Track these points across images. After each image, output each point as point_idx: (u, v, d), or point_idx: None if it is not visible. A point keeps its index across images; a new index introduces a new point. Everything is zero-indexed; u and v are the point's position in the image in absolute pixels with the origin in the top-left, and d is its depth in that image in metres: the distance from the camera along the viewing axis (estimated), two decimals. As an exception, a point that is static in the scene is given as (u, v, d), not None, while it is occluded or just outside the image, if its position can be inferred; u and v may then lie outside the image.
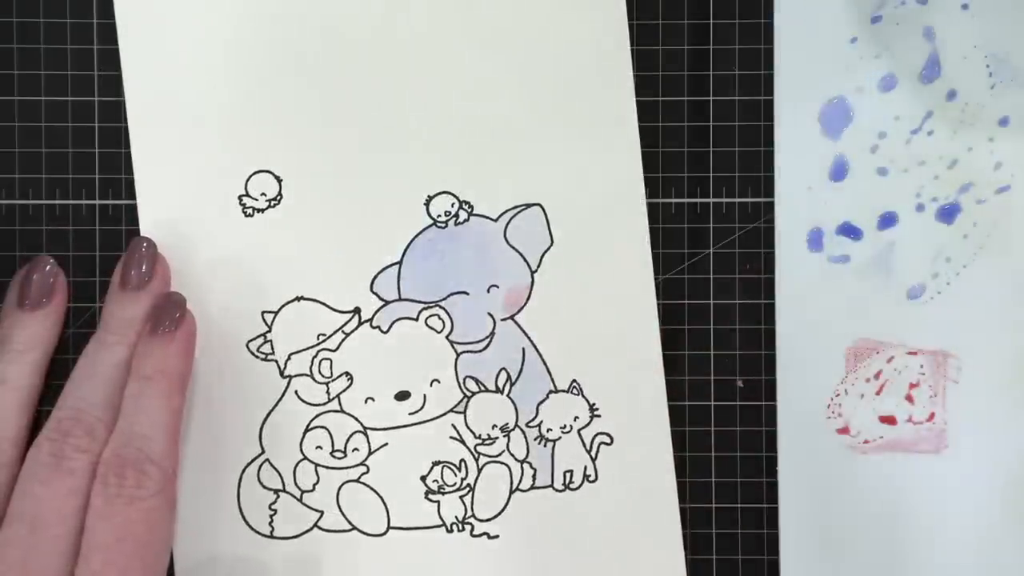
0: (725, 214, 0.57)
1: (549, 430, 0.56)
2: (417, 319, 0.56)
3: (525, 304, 0.56)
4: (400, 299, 0.56)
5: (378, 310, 0.56)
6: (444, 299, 0.56)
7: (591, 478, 0.56)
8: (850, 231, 0.56)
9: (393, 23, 0.56)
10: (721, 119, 0.56)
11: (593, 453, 0.56)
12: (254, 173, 0.56)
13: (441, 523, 0.56)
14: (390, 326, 0.56)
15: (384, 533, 0.56)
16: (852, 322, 0.56)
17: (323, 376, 0.56)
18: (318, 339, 0.56)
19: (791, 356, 0.56)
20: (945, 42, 0.56)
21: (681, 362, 0.57)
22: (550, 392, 0.56)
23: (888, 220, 0.56)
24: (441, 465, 0.56)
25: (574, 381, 0.56)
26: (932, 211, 0.56)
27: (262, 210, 0.56)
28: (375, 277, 0.56)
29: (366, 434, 0.56)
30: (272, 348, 0.56)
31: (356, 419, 0.56)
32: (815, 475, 0.56)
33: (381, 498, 0.56)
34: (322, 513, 0.56)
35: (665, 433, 0.56)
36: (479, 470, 0.56)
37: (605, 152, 0.56)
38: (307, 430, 0.56)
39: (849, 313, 0.56)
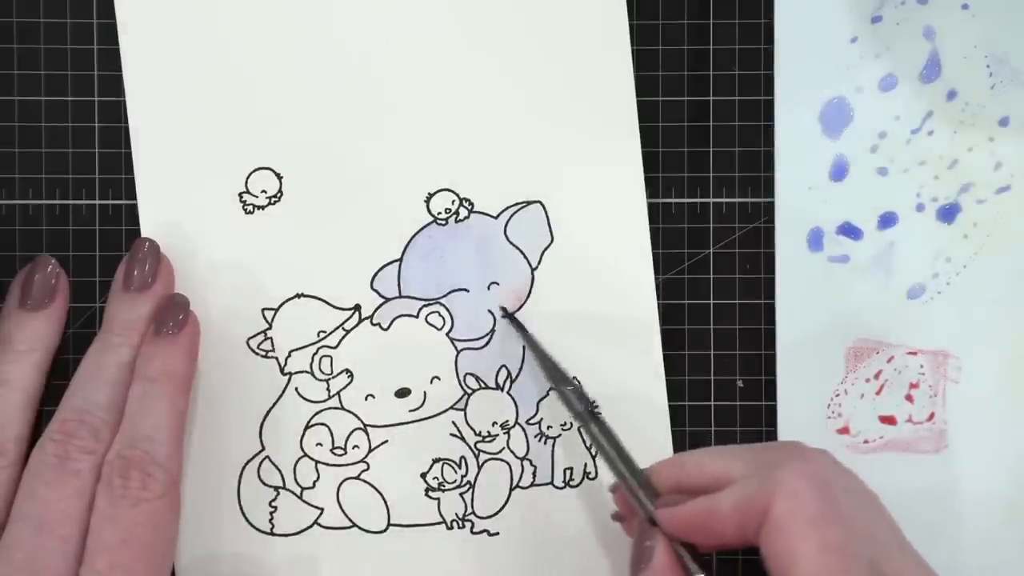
0: (725, 214, 0.57)
1: (549, 427, 0.56)
2: (417, 316, 0.56)
3: (525, 301, 0.56)
4: (400, 296, 0.56)
5: (378, 307, 0.56)
6: (444, 296, 0.56)
7: (591, 475, 0.56)
8: (850, 231, 0.56)
9: (394, 21, 0.56)
10: (721, 119, 0.57)
11: (593, 451, 0.56)
12: (255, 170, 0.56)
13: (441, 520, 0.56)
14: (390, 323, 0.56)
15: (384, 530, 0.56)
16: (852, 322, 0.56)
17: (323, 373, 0.56)
18: (318, 336, 0.56)
19: (791, 356, 0.56)
20: (945, 42, 0.56)
21: (681, 362, 0.57)
22: (551, 389, 0.56)
23: (888, 220, 0.56)
24: (441, 462, 0.56)
25: (574, 378, 0.56)
26: (932, 211, 0.56)
27: (263, 207, 0.56)
28: (375, 274, 0.56)
29: (366, 431, 0.56)
30: (272, 345, 0.56)
31: (356, 416, 0.56)
32: (815, 475, 0.56)
33: (381, 495, 0.56)
34: (322, 510, 0.56)
35: (665, 431, 0.56)
36: (479, 467, 0.56)
37: (605, 149, 0.56)
38: (307, 427, 0.56)
39: (849, 313, 0.56)
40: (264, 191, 0.56)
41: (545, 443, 0.56)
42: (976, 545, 0.56)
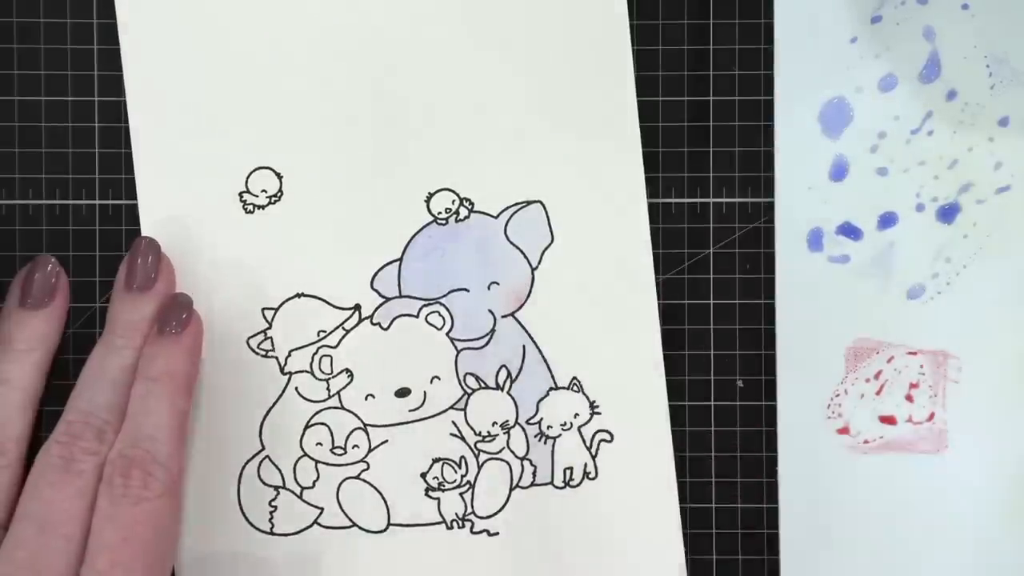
0: (725, 214, 0.57)
1: (549, 427, 0.56)
2: (417, 316, 0.56)
3: (526, 301, 0.56)
4: (400, 296, 0.56)
5: (378, 307, 0.56)
6: (444, 296, 0.56)
7: (591, 475, 0.56)
8: (850, 231, 0.56)
9: (395, 21, 0.56)
10: (721, 119, 0.57)
11: (593, 450, 0.56)
12: (255, 170, 0.56)
13: (441, 520, 0.56)
14: (390, 323, 0.56)
15: (384, 530, 0.56)
16: (852, 322, 0.56)
17: (323, 373, 0.56)
18: (318, 336, 0.56)
19: (791, 356, 0.56)
20: (945, 42, 0.56)
21: (681, 362, 0.56)
22: (550, 389, 0.56)
23: (888, 220, 0.56)
24: (441, 462, 0.56)
25: (574, 378, 0.56)
26: (932, 211, 0.56)
27: (263, 207, 0.56)
28: (376, 274, 0.56)
29: (366, 431, 0.56)
30: (272, 345, 0.56)
31: (356, 416, 0.56)
32: (815, 475, 0.56)
33: (381, 495, 0.56)
34: (322, 510, 0.56)
35: (665, 431, 0.56)
36: (479, 467, 0.56)
37: (606, 149, 0.56)
38: (307, 427, 0.56)
39: (849, 313, 0.56)
40: (264, 190, 0.56)
41: (545, 443, 0.56)
42: (976, 545, 0.56)
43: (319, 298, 0.56)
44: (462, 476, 0.56)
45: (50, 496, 0.50)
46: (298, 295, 0.56)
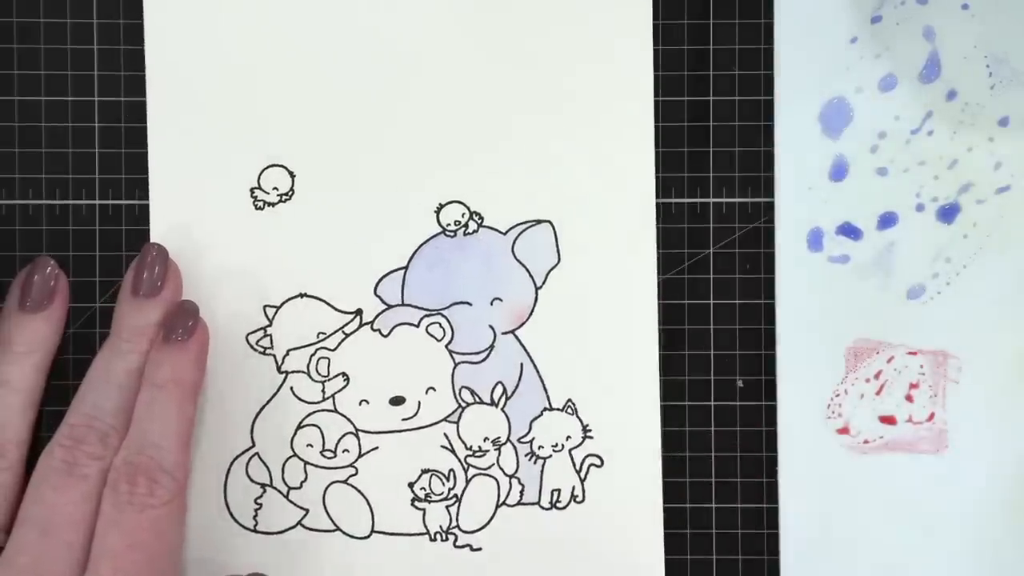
0: (725, 214, 0.57)
1: (540, 447, 0.56)
2: (418, 325, 0.56)
3: (527, 320, 0.56)
4: (403, 304, 0.56)
5: (380, 313, 0.56)
6: (447, 308, 0.56)
7: (578, 499, 0.56)
8: (850, 231, 0.56)
9: (414, 30, 0.56)
10: (721, 119, 0.56)
11: (582, 474, 0.56)
12: (268, 167, 0.56)
13: (425, 531, 0.56)
14: (391, 330, 0.56)
15: (367, 536, 0.56)
16: (852, 322, 0.56)
17: (320, 375, 0.56)
18: (318, 337, 0.56)
19: (791, 356, 0.56)
20: (945, 42, 0.56)
21: (681, 362, 0.57)
22: (545, 409, 0.56)
23: (888, 220, 0.56)
24: (430, 473, 0.56)
25: (569, 400, 0.56)
26: (932, 211, 0.56)
27: (273, 204, 0.56)
28: (380, 280, 0.56)
29: (357, 436, 0.56)
30: (271, 342, 0.56)
31: (349, 420, 0.56)
32: (815, 475, 0.56)
33: (367, 501, 0.56)
34: (307, 511, 0.56)
35: (656, 460, 0.56)
36: (467, 481, 0.56)
37: (620, 176, 0.56)
38: (299, 427, 0.56)
39: (849, 313, 0.56)
40: (276, 188, 0.56)
41: (535, 463, 0.56)
42: (976, 545, 0.56)
43: (322, 300, 0.56)
44: (449, 489, 0.56)
45: (53, 500, 0.50)
46: (301, 295, 0.56)
